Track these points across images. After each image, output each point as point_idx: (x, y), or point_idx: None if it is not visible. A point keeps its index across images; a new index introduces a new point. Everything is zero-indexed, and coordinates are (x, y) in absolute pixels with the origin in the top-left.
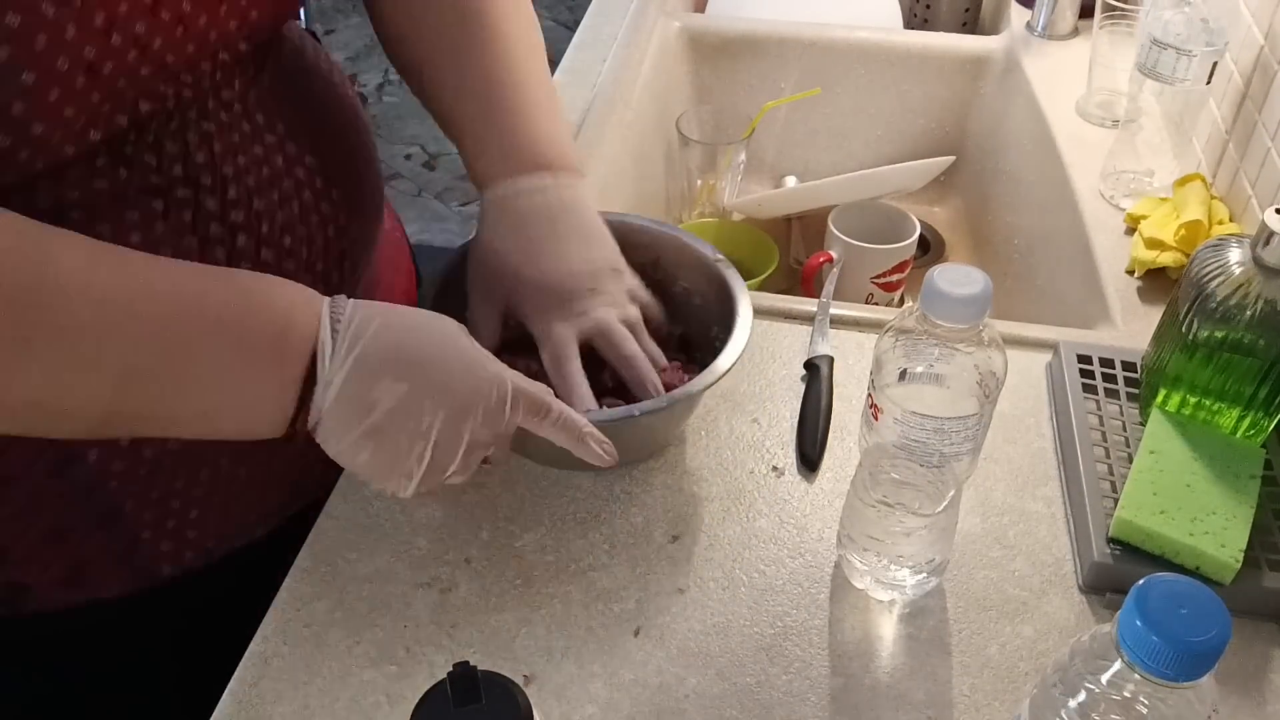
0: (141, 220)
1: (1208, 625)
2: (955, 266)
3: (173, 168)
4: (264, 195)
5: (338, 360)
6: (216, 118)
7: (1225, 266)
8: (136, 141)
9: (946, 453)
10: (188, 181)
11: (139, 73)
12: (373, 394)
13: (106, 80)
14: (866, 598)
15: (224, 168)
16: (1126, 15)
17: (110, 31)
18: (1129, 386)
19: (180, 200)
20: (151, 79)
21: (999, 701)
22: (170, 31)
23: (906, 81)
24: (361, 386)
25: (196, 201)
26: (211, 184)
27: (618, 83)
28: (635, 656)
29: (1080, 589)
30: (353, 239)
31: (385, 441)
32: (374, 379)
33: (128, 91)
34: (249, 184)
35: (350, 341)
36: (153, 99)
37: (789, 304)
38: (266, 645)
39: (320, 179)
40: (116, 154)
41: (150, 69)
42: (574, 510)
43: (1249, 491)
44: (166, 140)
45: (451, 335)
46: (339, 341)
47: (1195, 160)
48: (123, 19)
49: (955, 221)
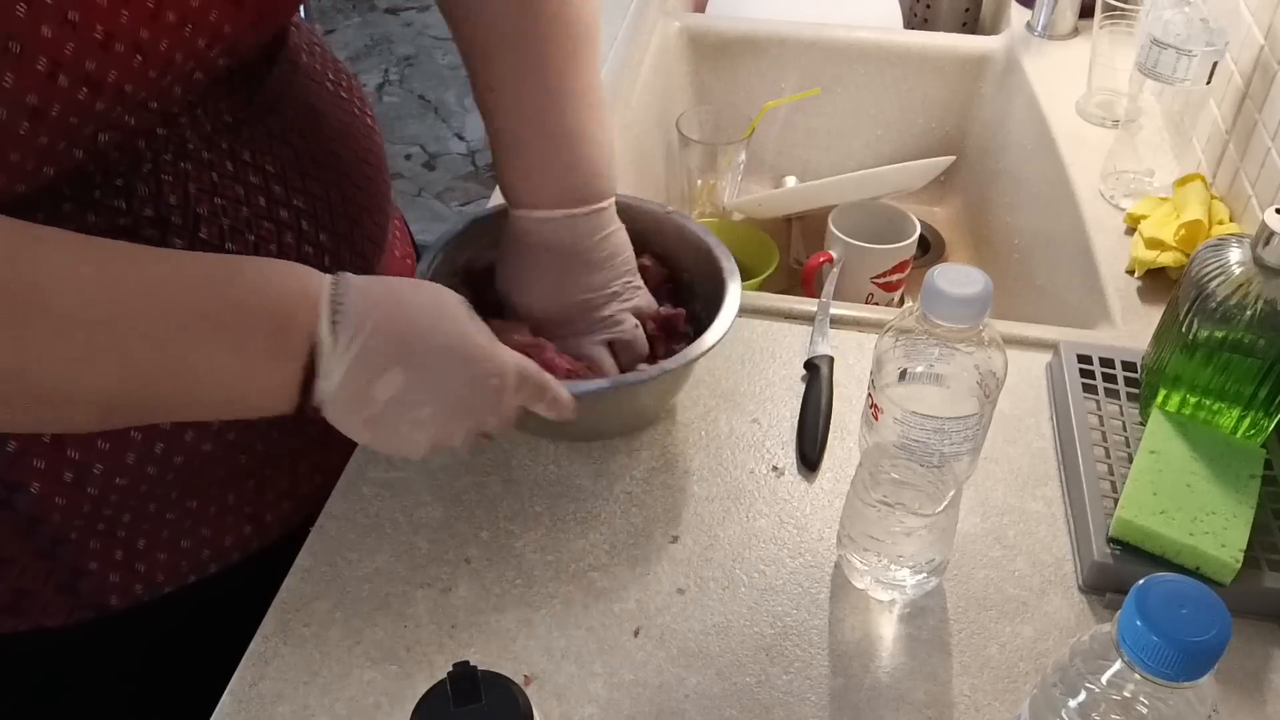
0: None
1: (1208, 625)
2: (955, 266)
3: (143, 209)
4: (239, 237)
5: (337, 355)
6: (197, 156)
7: (1225, 266)
8: (104, 186)
9: (946, 453)
10: (156, 222)
11: (93, 108)
12: (372, 388)
13: (54, 122)
14: (866, 598)
15: (198, 207)
16: (1126, 15)
17: (55, 75)
18: (1129, 386)
19: (146, 239)
20: (107, 112)
21: (999, 701)
22: (126, 63)
23: (906, 81)
24: (360, 381)
25: (164, 241)
26: (182, 224)
27: (618, 83)
28: (635, 656)
29: (1080, 589)
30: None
31: (385, 429)
32: (373, 373)
33: (82, 128)
34: (223, 225)
35: (349, 337)
36: (112, 129)
37: (789, 304)
38: (266, 645)
39: (307, 221)
40: (84, 199)
41: (106, 103)
42: (574, 510)
43: (1249, 491)
44: (138, 183)
45: (454, 320)
46: (338, 336)
47: (1195, 160)
48: (69, 61)
49: (955, 221)
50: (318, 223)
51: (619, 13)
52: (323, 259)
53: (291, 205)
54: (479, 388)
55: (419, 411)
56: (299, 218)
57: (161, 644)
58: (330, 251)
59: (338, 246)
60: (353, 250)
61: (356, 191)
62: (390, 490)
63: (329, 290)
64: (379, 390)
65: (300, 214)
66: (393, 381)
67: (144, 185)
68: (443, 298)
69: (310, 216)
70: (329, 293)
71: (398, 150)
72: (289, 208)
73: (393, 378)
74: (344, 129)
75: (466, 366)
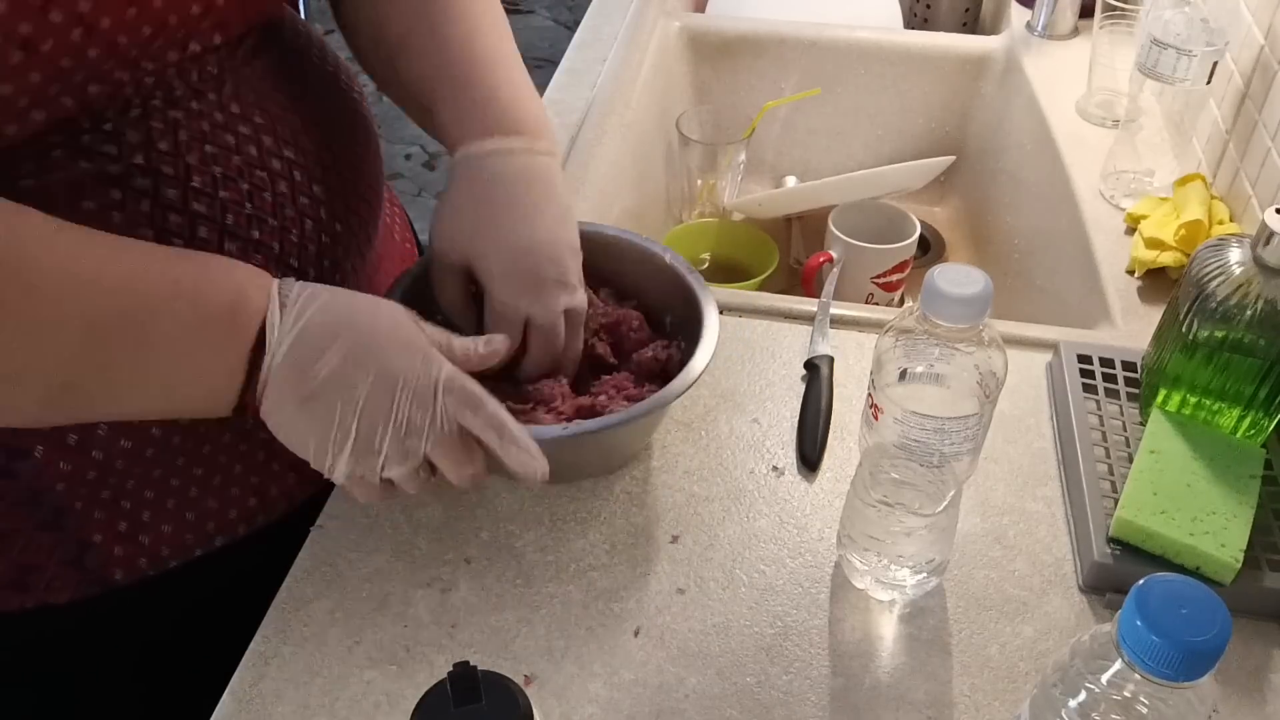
0: (98, 210)
1: (1208, 625)
2: (955, 266)
3: (133, 156)
4: (232, 185)
5: (284, 330)
6: (185, 105)
7: (1225, 266)
8: (93, 131)
9: (946, 453)
10: (148, 170)
11: (85, 53)
12: (313, 363)
13: (46, 58)
14: (866, 598)
15: (188, 156)
16: (1126, 15)
17: (48, 8)
18: (1129, 386)
19: (139, 189)
20: (101, 61)
21: (999, 701)
22: (119, 10)
23: (906, 81)
24: (303, 355)
25: (156, 191)
26: (174, 173)
27: (618, 83)
28: (635, 656)
29: (1080, 589)
30: (336, 237)
31: (319, 409)
32: (315, 349)
33: (74, 73)
34: (215, 173)
35: (296, 315)
36: (104, 83)
37: (789, 304)
38: (266, 645)
39: (299, 172)
40: (74, 145)
41: (98, 50)
42: (574, 510)
43: (1249, 491)
44: (128, 129)
45: (396, 317)
46: (286, 314)
47: (1195, 160)
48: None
49: (955, 221)
50: (310, 175)
51: (619, 13)
52: (318, 210)
53: (283, 156)
54: (411, 371)
55: (352, 390)
56: (291, 169)
57: (166, 622)
58: (324, 203)
59: (331, 199)
60: (346, 207)
61: (346, 152)
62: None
63: (278, 281)
64: (320, 367)
65: (292, 165)
66: (331, 358)
67: (134, 131)
68: (388, 304)
69: (302, 168)
70: (278, 282)
71: (398, 150)
72: (280, 158)
73: (334, 354)
74: (331, 92)
75: (403, 352)
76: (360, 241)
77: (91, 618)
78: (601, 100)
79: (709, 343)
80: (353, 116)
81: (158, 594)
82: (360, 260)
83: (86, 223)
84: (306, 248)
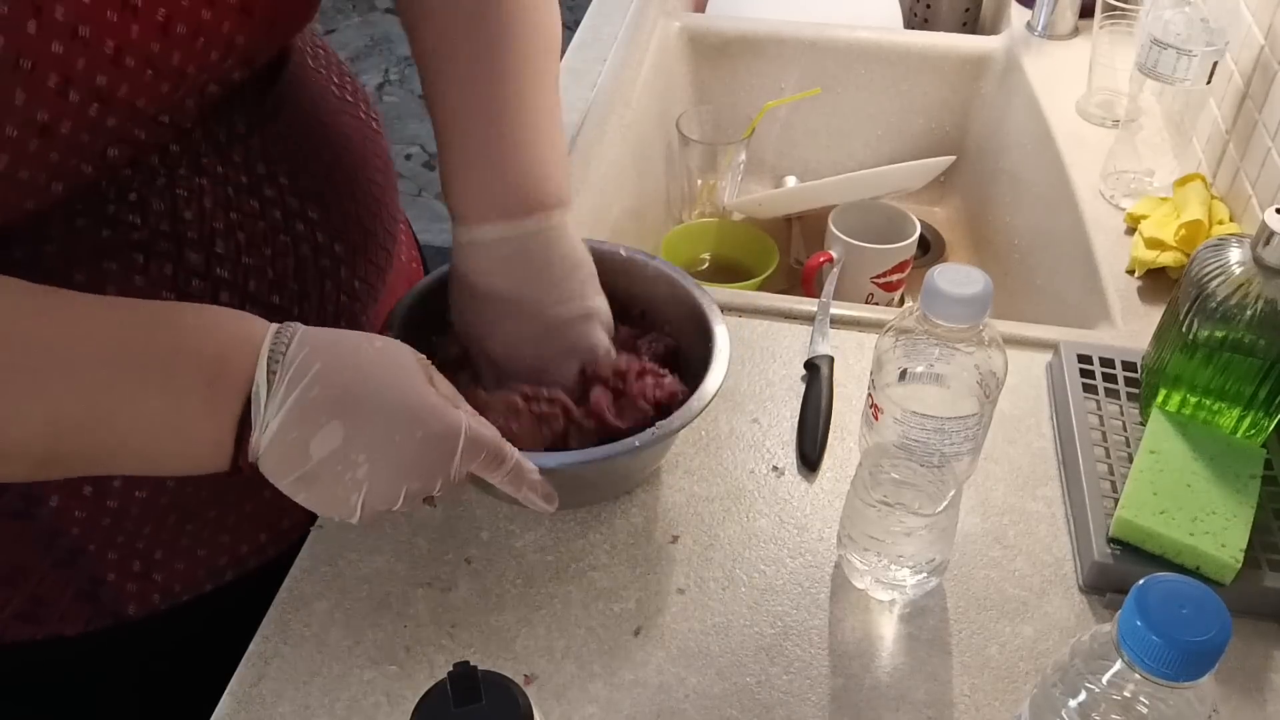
0: (120, 271)
1: (1208, 625)
2: (955, 266)
3: (159, 223)
4: (255, 251)
5: (273, 406)
6: (212, 170)
7: (1225, 266)
8: (118, 200)
9: (947, 453)
10: (172, 236)
11: (104, 124)
12: (308, 442)
13: (65, 139)
14: (867, 598)
15: (214, 222)
16: (1127, 15)
17: (66, 91)
18: (1129, 386)
19: (162, 253)
20: (119, 128)
21: (999, 701)
22: (137, 77)
23: (906, 81)
24: (295, 433)
25: (179, 255)
26: (198, 238)
27: (618, 83)
28: (635, 656)
29: (1080, 589)
30: (353, 294)
31: (320, 487)
32: (310, 426)
33: (92, 145)
34: (239, 239)
35: (287, 386)
36: (122, 143)
37: (789, 304)
38: (266, 645)
39: (322, 233)
40: (98, 214)
41: (117, 119)
42: (574, 510)
43: (1249, 491)
44: (153, 198)
45: (404, 378)
46: (275, 385)
47: (1195, 160)
48: (80, 76)
49: (955, 221)
50: (332, 233)
51: (619, 13)
52: (339, 270)
53: (307, 217)
54: (425, 450)
55: (357, 471)
56: (314, 230)
57: (176, 651)
58: (345, 262)
59: (353, 257)
60: (367, 260)
61: (367, 198)
62: None
63: (270, 338)
64: (316, 445)
65: (315, 226)
66: (331, 437)
67: (158, 200)
68: (396, 351)
69: (325, 228)
70: (269, 340)
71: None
72: (304, 220)
73: (331, 433)
74: (351, 134)
75: (413, 427)
76: (376, 290)
77: (101, 647)
78: (601, 100)
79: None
80: (371, 147)
81: (169, 625)
82: (374, 305)
83: (107, 282)
84: (325, 308)
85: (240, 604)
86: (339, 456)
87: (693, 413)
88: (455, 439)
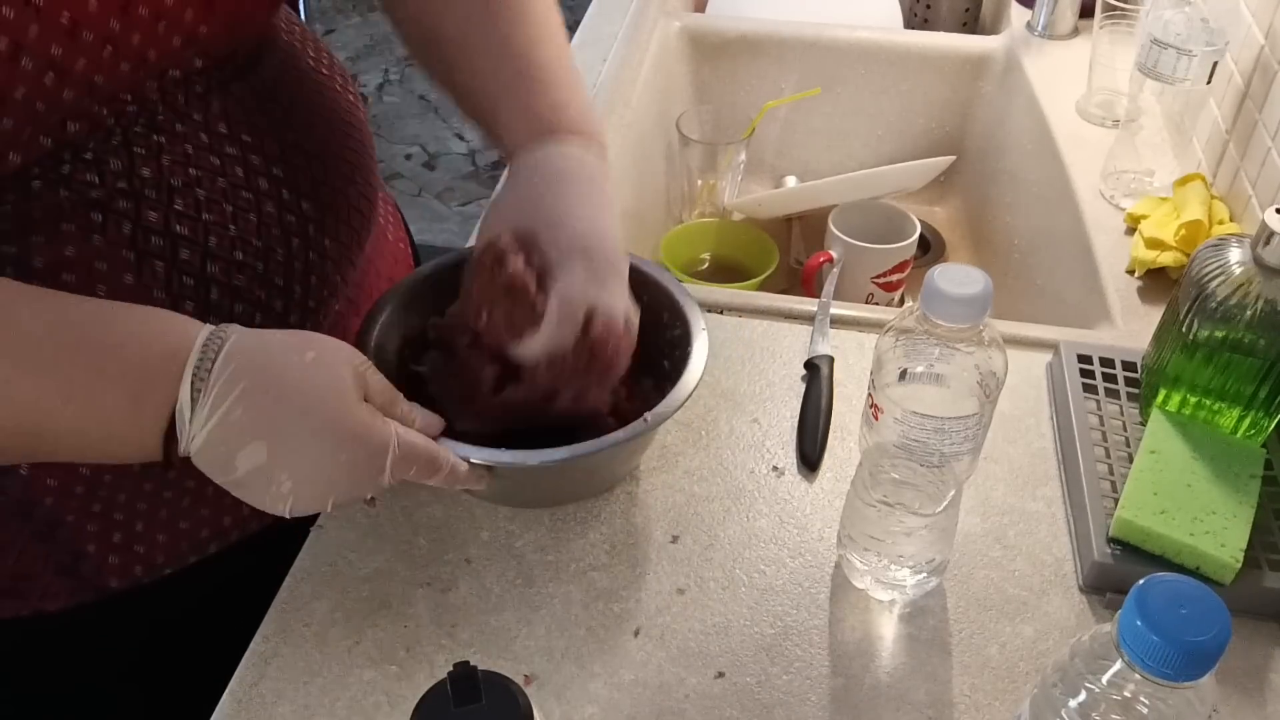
0: (78, 232)
1: (1208, 625)
2: (955, 266)
3: (115, 182)
4: (216, 207)
5: (197, 422)
6: (169, 128)
7: (1225, 266)
8: (74, 162)
9: (947, 452)
10: (130, 194)
11: (59, 96)
12: (233, 457)
13: (18, 105)
14: (867, 598)
15: (172, 179)
16: (1127, 15)
17: (17, 57)
18: (1129, 386)
19: (120, 212)
20: (76, 101)
21: (999, 701)
22: (95, 53)
23: (906, 81)
24: (220, 450)
25: (138, 214)
26: (156, 196)
27: (618, 83)
28: (635, 656)
29: (1080, 589)
30: (323, 253)
31: (248, 494)
32: (233, 445)
33: (48, 115)
34: (199, 195)
35: (211, 405)
36: (81, 119)
37: (789, 304)
38: (266, 645)
39: (288, 190)
40: (54, 175)
41: (75, 91)
42: (574, 510)
43: (1249, 491)
44: (109, 156)
45: (332, 397)
46: (200, 402)
47: (1195, 160)
48: (32, 44)
49: (955, 221)
50: (299, 192)
51: (619, 13)
52: (306, 228)
53: (270, 175)
54: (351, 469)
55: (281, 486)
56: (279, 187)
57: (162, 627)
58: (314, 220)
59: (322, 215)
60: (337, 219)
61: (340, 163)
62: (390, 490)
63: (197, 351)
64: (240, 461)
65: (280, 184)
66: (254, 455)
67: (115, 159)
68: (329, 363)
69: (291, 185)
70: (196, 354)
71: (398, 150)
72: (268, 177)
73: (254, 451)
74: (324, 101)
75: (338, 450)
76: (352, 251)
77: (86, 623)
78: (601, 100)
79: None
80: (346, 122)
81: (153, 599)
82: (350, 268)
83: (65, 243)
84: (293, 265)
85: (228, 580)
86: (263, 473)
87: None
88: (383, 456)
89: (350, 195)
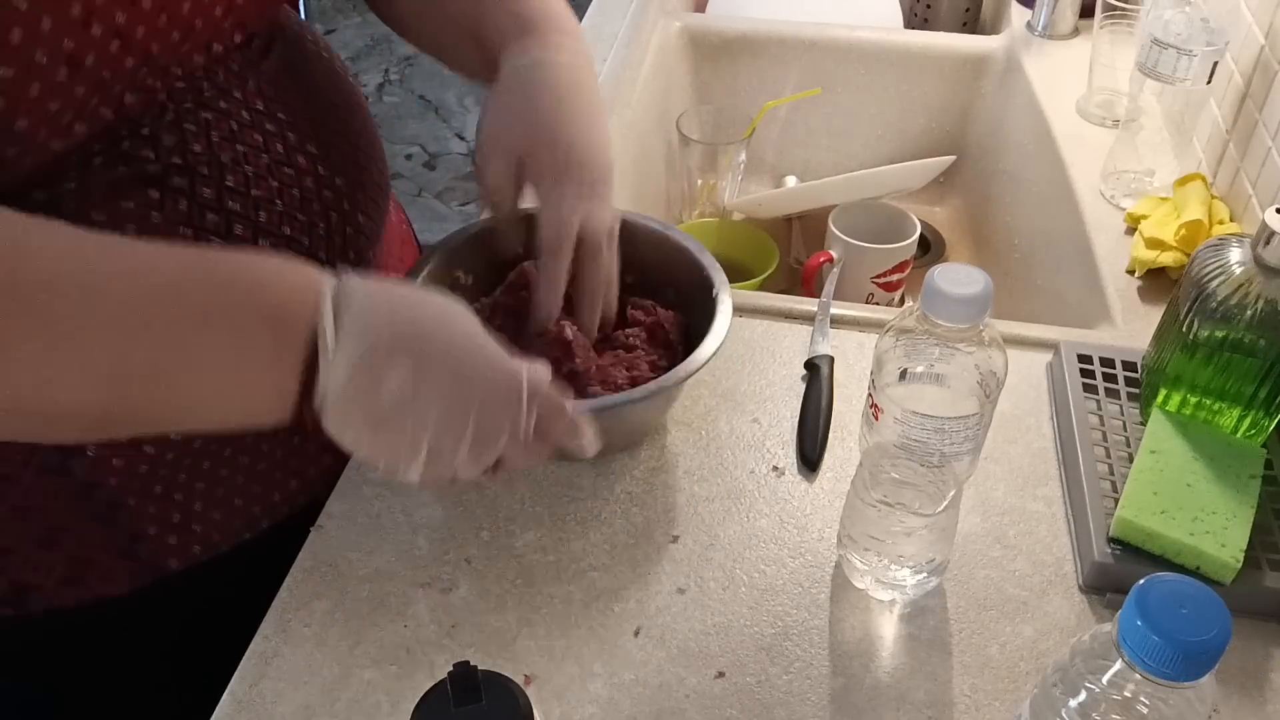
0: (137, 209)
1: (1208, 625)
2: (955, 266)
3: (170, 157)
4: (263, 183)
5: (342, 349)
6: (215, 105)
7: (1225, 266)
8: (131, 137)
9: (947, 452)
10: (184, 170)
11: (123, 64)
12: (377, 385)
13: (89, 72)
14: (867, 598)
15: (222, 155)
16: (1127, 15)
17: (89, 22)
18: (1129, 386)
19: (176, 189)
20: (136, 70)
21: (999, 701)
22: (153, 19)
23: (906, 81)
24: (367, 376)
25: (193, 189)
26: (208, 172)
27: (618, 83)
28: (635, 656)
29: (1081, 589)
30: (358, 228)
31: (388, 431)
32: (381, 369)
33: (113, 84)
34: (246, 172)
35: (353, 330)
36: (139, 91)
37: (789, 304)
38: (266, 645)
39: (323, 166)
40: (114, 151)
41: (134, 60)
42: (574, 510)
43: (1249, 491)
44: (163, 133)
45: (466, 325)
46: (342, 329)
47: (1195, 160)
48: (101, 9)
49: (955, 221)
50: (331, 167)
51: (619, 13)
52: (341, 203)
53: (306, 151)
54: (493, 391)
55: (427, 413)
56: (315, 164)
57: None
58: (347, 196)
59: (353, 190)
60: (366, 196)
61: (359, 140)
62: (390, 490)
63: (331, 286)
64: (387, 385)
65: (315, 159)
66: (402, 376)
67: (169, 134)
68: (454, 307)
69: (325, 161)
70: (331, 288)
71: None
72: (304, 153)
73: (402, 373)
74: (336, 81)
75: (478, 368)
76: (379, 228)
77: (141, 605)
78: None
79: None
80: (357, 113)
81: (205, 576)
82: (378, 243)
83: (126, 221)
84: (334, 239)
85: (272, 553)
86: (409, 393)
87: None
88: (518, 387)
89: (372, 173)
